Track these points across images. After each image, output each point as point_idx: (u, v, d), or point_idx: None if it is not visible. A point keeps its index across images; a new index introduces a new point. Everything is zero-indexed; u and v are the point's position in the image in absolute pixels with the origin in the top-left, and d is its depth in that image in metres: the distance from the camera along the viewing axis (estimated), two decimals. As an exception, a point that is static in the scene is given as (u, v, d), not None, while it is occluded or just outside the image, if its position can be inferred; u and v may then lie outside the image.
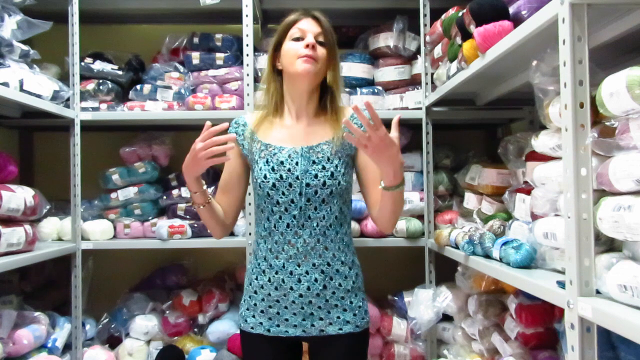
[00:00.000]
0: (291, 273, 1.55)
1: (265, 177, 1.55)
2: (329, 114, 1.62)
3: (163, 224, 2.34)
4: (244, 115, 1.71)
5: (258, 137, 1.61)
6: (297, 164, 1.55)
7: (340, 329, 1.57)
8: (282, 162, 1.56)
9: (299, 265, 1.55)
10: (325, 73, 1.60)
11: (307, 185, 1.54)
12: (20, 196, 1.86)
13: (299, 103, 1.61)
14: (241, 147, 1.63)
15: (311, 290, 1.55)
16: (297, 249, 1.55)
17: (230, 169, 1.66)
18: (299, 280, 1.55)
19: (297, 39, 1.56)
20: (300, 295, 1.55)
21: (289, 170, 1.55)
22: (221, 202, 1.65)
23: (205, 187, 1.58)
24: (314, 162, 1.56)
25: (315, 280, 1.55)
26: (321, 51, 1.56)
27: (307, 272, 1.55)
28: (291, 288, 1.55)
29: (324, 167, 1.56)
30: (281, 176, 1.55)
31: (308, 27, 1.56)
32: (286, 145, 1.58)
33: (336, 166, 1.57)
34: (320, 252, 1.56)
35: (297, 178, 1.54)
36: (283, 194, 1.54)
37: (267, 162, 1.56)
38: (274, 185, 1.54)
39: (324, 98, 1.63)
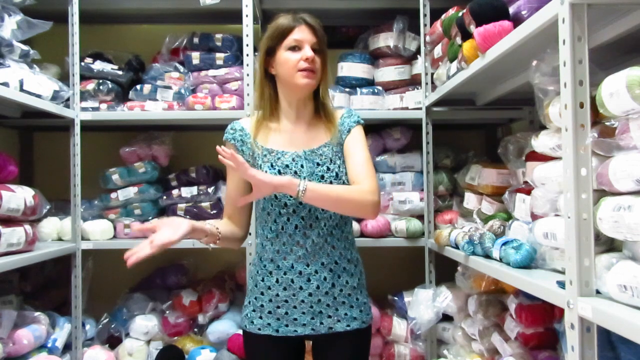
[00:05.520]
0: (300, 273, 1.56)
1: None
2: (323, 119, 1.65)
3: (163, 224, 2.33)
4: (239, 120, 1.69)
5: (258, 142, 1.61)
6: (302, 166, 1.57)
7: (348, 326, 1.59)
8: (287, 165, 1.57)
9: (308, 265, 1.56)
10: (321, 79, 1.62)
11: None
12: (20, 196, 1.86)
13: (296, 108, 1.63)
14: (241, 153, 1.62)
15: (320, 289, 1.56)
16: (305, 249, 1.56)
17: (237, 178, 1.61)
18: (309, 280, 1.56)
19: (294, 49, 1.56)
20: (310, 294, 1.56)
21: (295, 172, 1.56)
22: (233, 214, 1.64)
23: (208, 226, 1.52)
24: (318, 164, 1.58)
25: (325, 278, 1.57)
26: (318, 61, 1.58)
27: (316, 272, 1.56)
28: (300, 287, 1.56)
29: (328, 169, 1.57)
30: None
31: (304, 37, 1.57)
32: (287, 149, 1.59)
33: (339, 166, 1.59)
34: (328, 251, 1.58)
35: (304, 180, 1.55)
36: (291, 196, 1.55)
37: (271, 165, 1.57)
38: None
39: (318, 101, 1.65)
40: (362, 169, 1.57)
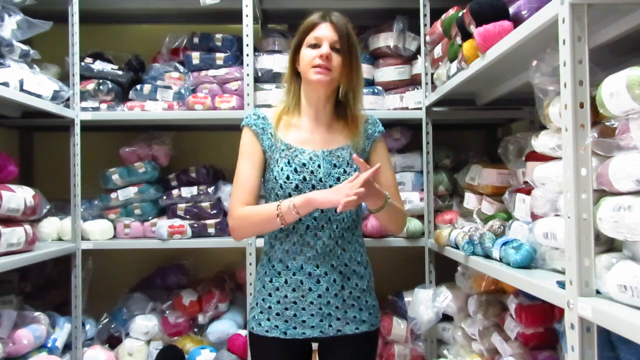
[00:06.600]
0: (310, 274, 1.56)
1: (288, 178, 1.55)
2: (345, 121, 1.64)
3: (163, 224, 2.34)
4: (261, 109, 1.69)
5: (279, 135, 1.61)
6: (319, 166, 1.56)
7: (357, 329, 1.59)
8: (304, 164, 1.56)
9: (317, 267, 1.56)
10: (341, 79, 1.59)
11: (330, 187, 1.55)
12: (20, 196, 1.86)
13: (315, 107, 1.63)
14: (261, 142, 1.61)
15: (330, 291, 1.56)
16: (316, 250, 1.55)
17: (258, 165, 1.60)
18: (318, 281, 1.55)
19: (314, 46, 1.57)
20: (319, 296, 1.55)
21: (311, 172, 1.56)
22: (252, 200, 1.57)
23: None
24: (335, 165, 1.58)
25: (334, 280, 1.56)
26: (336, 59, 1.56)
27: (325, 273, 1.56)
28: (310, 289, 1.55)
29: (345, 171, 1.58)
30: (304, 178, 1.55)
31: (324, 34, 1.56)
32: (306, 147, 1.59)
33: (355, 170, 1.57)
34: (338, 253, 1.57)
35: (321, 180, 1.55)
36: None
37: (288, 162, 1.56)
38: (297, 186, 1.54)
39: (342, 103, 1.64)
40: (395, 192, 1.65)
